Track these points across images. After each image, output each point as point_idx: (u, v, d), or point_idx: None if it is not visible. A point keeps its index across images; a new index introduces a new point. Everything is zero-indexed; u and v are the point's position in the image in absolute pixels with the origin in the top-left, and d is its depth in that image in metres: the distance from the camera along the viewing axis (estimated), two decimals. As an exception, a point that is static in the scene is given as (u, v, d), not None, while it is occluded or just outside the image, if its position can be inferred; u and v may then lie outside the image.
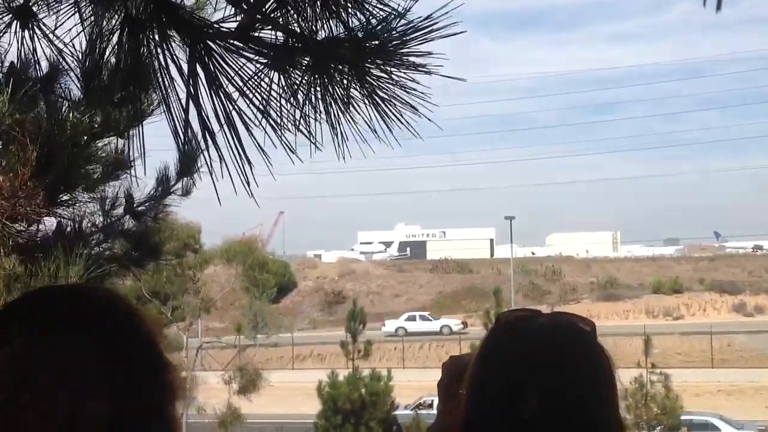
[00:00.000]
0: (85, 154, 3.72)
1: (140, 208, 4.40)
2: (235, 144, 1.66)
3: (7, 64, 2.79)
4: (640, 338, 25.02)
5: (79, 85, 3.08)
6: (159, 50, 1.75)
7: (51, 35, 1.94)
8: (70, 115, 3.52)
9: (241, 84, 1.71)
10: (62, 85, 3.39)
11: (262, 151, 1.65)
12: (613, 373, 1.37)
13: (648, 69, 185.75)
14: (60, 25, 1.92)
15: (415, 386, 28.70)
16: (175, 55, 1.75)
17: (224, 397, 28.67)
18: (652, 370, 22.25)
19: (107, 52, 1.98)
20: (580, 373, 1.33)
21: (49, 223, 3.99)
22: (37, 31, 1.94)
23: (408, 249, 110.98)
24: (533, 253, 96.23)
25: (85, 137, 3.63)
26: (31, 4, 1.93)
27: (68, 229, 4.09)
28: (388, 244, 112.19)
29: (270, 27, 1.76)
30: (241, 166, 1.65)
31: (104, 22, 1.94)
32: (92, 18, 1.95)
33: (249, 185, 1.65)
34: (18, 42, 1.95)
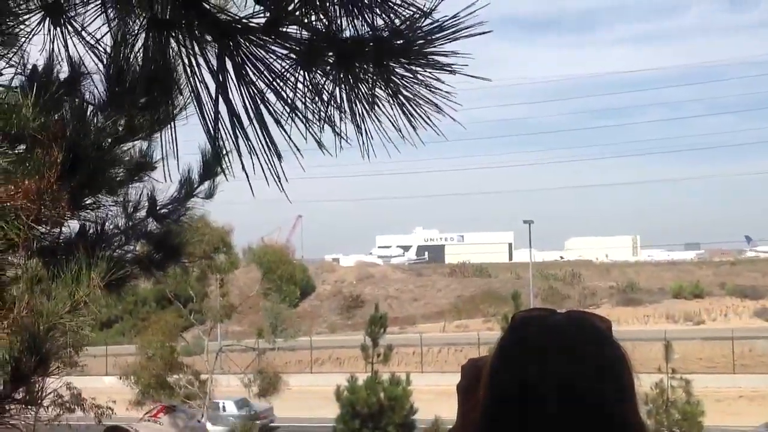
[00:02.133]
0: (109, 158, 3.74)
1: (163, 211, 4.41)
2: (264, 137, 1.67)
3: (39, 64, 2.80)
4: (661, 343, 24.83)
5: (104, 88, 3.10)
6: (185, 49, 1.76)
7: (84, 33, 1.94)
8: (95, 118, 3.54)
9: (269, 79, 1.72)
10: (86, 87, 3.41)
11: (293, 143, 1.65)
12: (632, 371, 1.34)
13: (669, 72, 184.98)
14: (88, 25, 1.93)
15: (435, 390, 28.64)
16: (205, 52, 1.76)
17: (243, 400, 28.77)
18: (672, 375, 22.08)
19: (132, 55, 1.99)
20: (598, 370, 1.29)
21: (72, 225, 4.01)
22: (69, 28, 1.95)
23: (426, 253, 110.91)
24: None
25: (110, 140, 3.65)
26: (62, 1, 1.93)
27: (90, 231, 4.11)
28: (406, 248, 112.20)
29: (295, 25, 1.77)
30: (271, 160, 1.66)
31: (129, 24, 1.95)
32: (117, 20, 1.96)
33: (280, 180, 1.65)
34: (50, 41, 1.95)
